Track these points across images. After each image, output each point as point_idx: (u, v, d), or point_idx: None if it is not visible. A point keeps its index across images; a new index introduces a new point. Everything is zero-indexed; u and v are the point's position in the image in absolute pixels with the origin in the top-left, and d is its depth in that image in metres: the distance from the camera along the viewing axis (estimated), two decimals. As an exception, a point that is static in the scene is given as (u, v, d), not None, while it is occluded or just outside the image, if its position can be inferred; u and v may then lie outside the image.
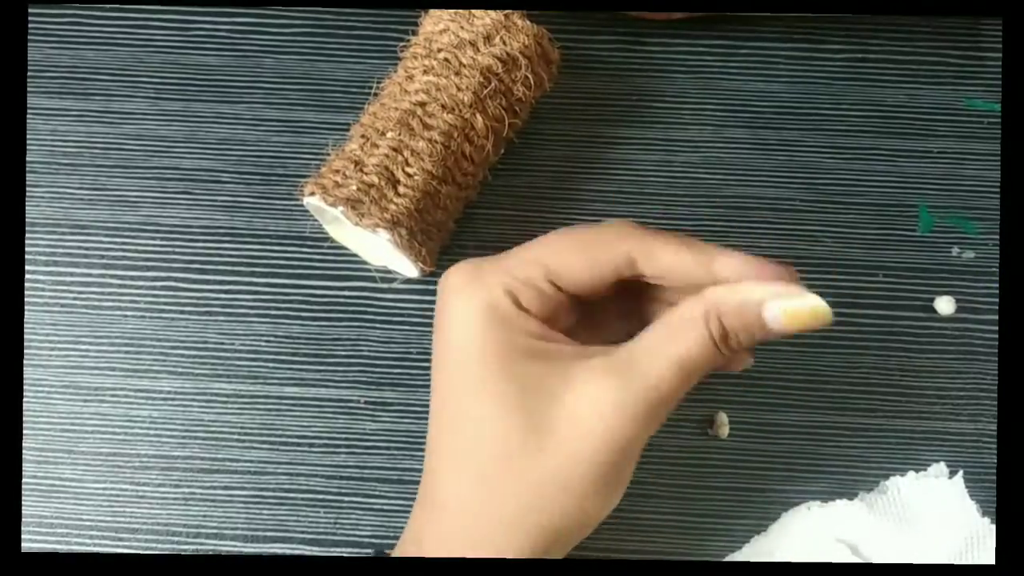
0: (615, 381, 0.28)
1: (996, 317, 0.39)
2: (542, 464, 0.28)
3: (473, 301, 0.29)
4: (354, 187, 0.34)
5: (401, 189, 0.35)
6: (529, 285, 0.29)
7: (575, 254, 0.30)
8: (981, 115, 0.42)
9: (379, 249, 0.38)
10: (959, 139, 0.41)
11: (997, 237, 0.40)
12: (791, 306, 0.28)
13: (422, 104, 0.36)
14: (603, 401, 0.28)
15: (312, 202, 0.35)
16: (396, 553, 0.30)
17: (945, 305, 0.40)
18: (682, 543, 0.38)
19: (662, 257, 0.29)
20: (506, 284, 0.29)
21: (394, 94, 0.36)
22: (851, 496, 0.38)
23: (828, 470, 0.38)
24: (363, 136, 0.36)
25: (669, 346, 0.28)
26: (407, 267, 0.38)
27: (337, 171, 0.35)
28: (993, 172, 0.41)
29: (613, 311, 0.33)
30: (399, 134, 0.35)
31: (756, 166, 0.41)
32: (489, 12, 0.36)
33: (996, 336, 0.39)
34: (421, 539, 0.30)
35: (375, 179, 0.35)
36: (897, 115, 0.42)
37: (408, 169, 0.35)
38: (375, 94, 0.38)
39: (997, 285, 0.40)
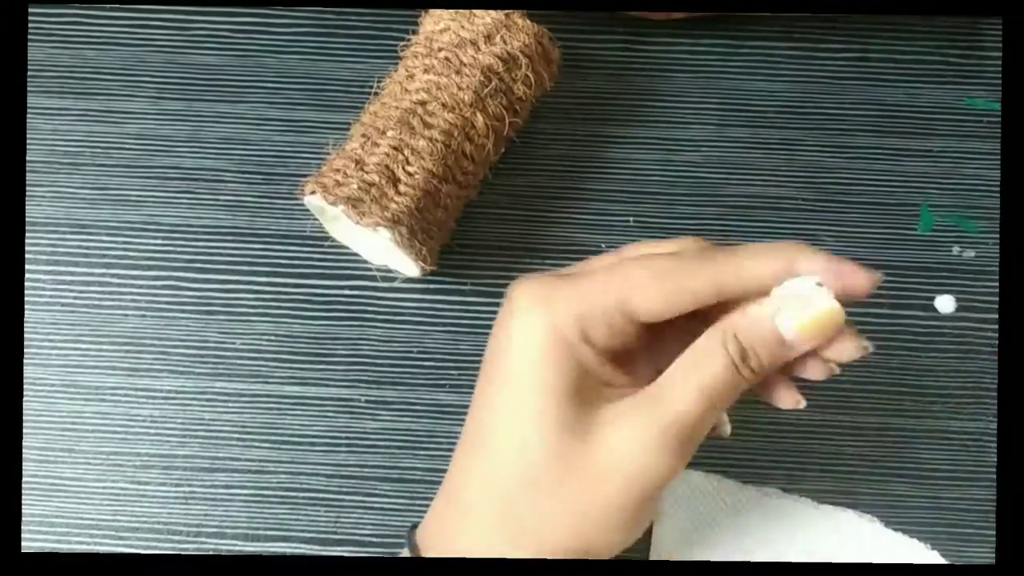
0: (642, 419, 0.27)
1: (996, 316, 0.39)
2: (560, 498, 0.28)
3: (540, 325, 0.28)
4: (355, 186, 0.34)
5: (402, 188, 0.35)
6: (601, 317, 0.28)
7: (655, 284, 0.28)
8: (981, 114, 0.42)
9: (380, 248, 0.38)
10: (959, 138, 0.41)
11: (997, 236, 0.40)
12: (801, 314, 0.27)
13: (423, 103, 0.36)
14: (631, 439, 0.27)
15: (313, 201, 0.35)
16: (419, 538, 0.31)
17: (946, 304, 0.40)
18: (683, 542, 0.38)
19: (746, 270, 0.28)
20: (578, 313, 0.28)
21: (395, 93, 0.36)
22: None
23: (828, 470, 0.38)
24: (364, 135, 0.36)
25: (691, 375, 0.28)
26: (408, 266, 0.38)
27: (338, 170, 0.35)
28: (993, 171, 0.41)
29: (676, 337, 0.31)
30: (400, 133, 0.35)
31: (757, 165, 0.41)
32: (490, 11, 0.36)
33: (996, 335, 0.39)
34: (446, 534, 0.30)
35: (376, 178, 0.35)
36: (898, 114, 0.42)
37: (409, 168, 0.35)
38: (376, 93, 0.38)
39: (997, 284, 0.40)
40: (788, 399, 0.29)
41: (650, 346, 0.31)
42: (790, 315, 0.27)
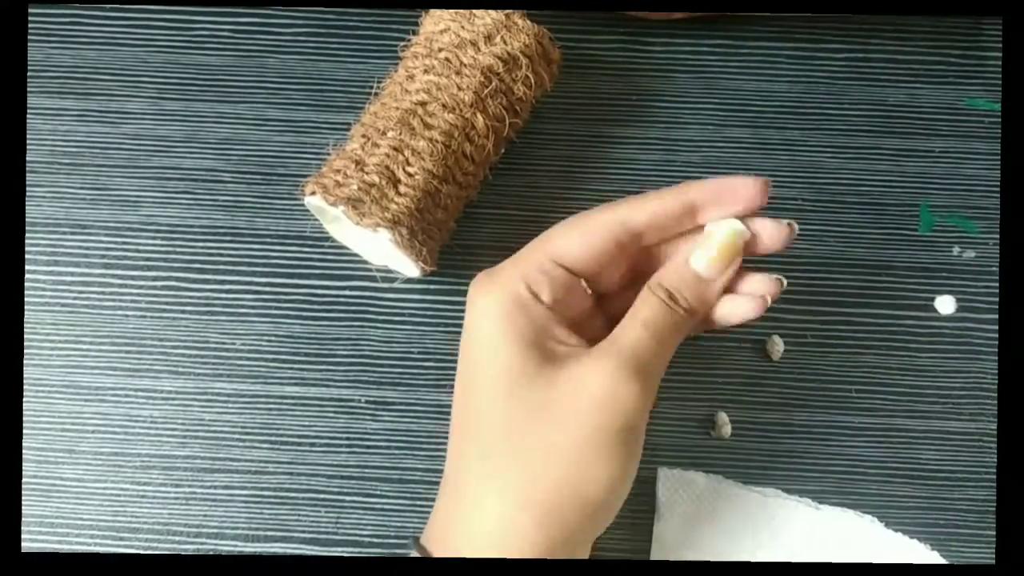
0: (599, 359, 0.30)
1: (996, 316, 0.39)
2: (537, 437, 0.29)
3: (491, 295, 0.31)
4: (355, 186, 0.34)
5: (402, 188, 0.35)
6: (539, 270, 0.31)
7: (569, 227, 0.32)
8: (981, 115, 0.42)
9: (380, 248, 0.38)
10: (960, 139, 0.41)
11: (997, 237, 0.40)
12: (707, 246, 0.31)
13: (423, 103, 0.36)
14: (592, 373, 0.29)
15: (313, 201, 0.35)
16: (423, 541, 0.31)
17: (946, 304, 0.40)
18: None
19: (647, 204, 0.32)
20: (519, 273, 0.31)
21: (395, 93, 0.36)
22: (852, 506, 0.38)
23: (828, 470, 0.38)
24: (364, 135, 0.36)
25: (634, 317, 0.31)
26: (408, 266, 0.38)
27: (338, 170, 0.35)
28: (993, 172, 0.41)
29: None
30: (400, 133, 0.35)
31: (757, 166, 0.41)
32: (490, 12, 0.36)
33: (996, 335, 0.39)
34: (444, 528, 0.31)
35: (376, 178, 0.35)
36: (898, 115, 0.42)
37: (409, 168, 0.35)
38: (376, 94, 0.38)
39: (997, 285, 0.40)
40: (742, 305, 0.32)
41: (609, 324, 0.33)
42: (699, 251, 0.31)
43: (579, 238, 0.31)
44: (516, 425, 0.29)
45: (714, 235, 0.31)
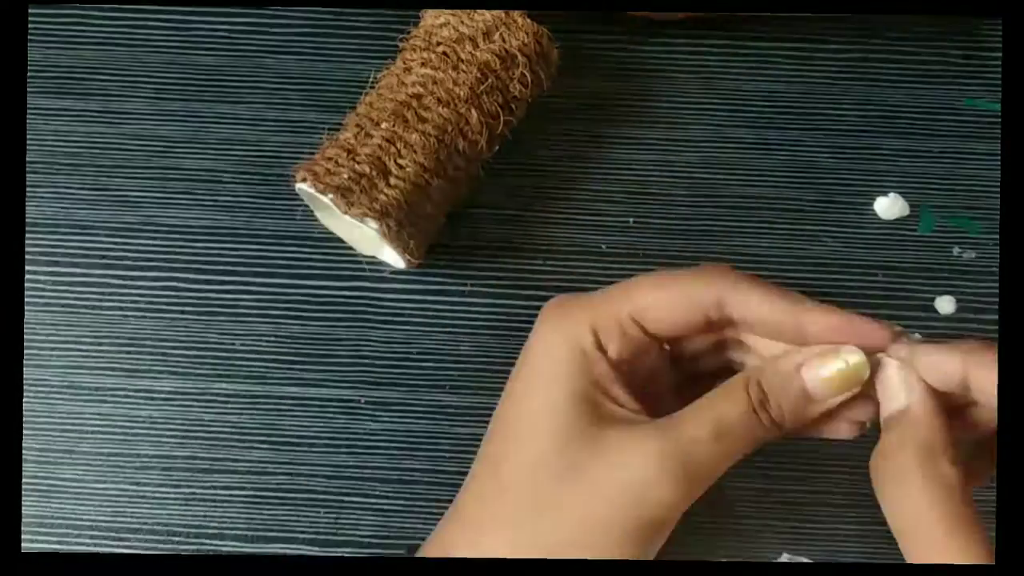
0: (653, 443, 0.27)
1: (997, 317, 0.39)
2: (569, 508, 0.28)
3: (558, 337, 0.29)
4: (345, 175, 0.34)
5: (392, 180, 0.35)
6: (614, 326, 0.29)
7: (663, 291, 0.29)
8: (981, 115, 0.42)
9: (368, 239, 0.37)
10: (960, 139, 0.41)
11: (998, 237, 0.40)
12: (825, 368, 0.27)
13: (418, 97, 0.36)
14: (638, 460, 0.27)
15: (303, 188, 0.35)
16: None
17: (946, 305, 0.40)
18: (683, 543, 0.38)
19: (751, 299, 0.28)
20: (592, 323, 0.29)
21: (391, 85, 0.36)
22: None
23: (827, 470, 0.38)
24: (358, 125, 0.36)
25: (708, 409, 0.28)
26: (395, 258, 0.38)
27: (329, 158, 0.35)
28: (993, 172, 0.41)
29: (704, 370, 0.32)
30: (393, 125, 0.35)
31: (757, 166, 0.41)
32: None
33: (996, 336, 0.39)
34: (443, 554, 0.30)
35: (366, 168, 0.35)
36: (898, 115, 0.42)
37: (400, 161, 0.35)
38: (373, 84, 0.38)
39: (998, 285, 0.40)
40: (844, 430, 0.29)
41: (675, 389, 0.31)
42: (816, 368, 0.27)
43: (667, 303, 0.29)
44: (552, 487, 0.28)
45: (840, 356, 0.27)
